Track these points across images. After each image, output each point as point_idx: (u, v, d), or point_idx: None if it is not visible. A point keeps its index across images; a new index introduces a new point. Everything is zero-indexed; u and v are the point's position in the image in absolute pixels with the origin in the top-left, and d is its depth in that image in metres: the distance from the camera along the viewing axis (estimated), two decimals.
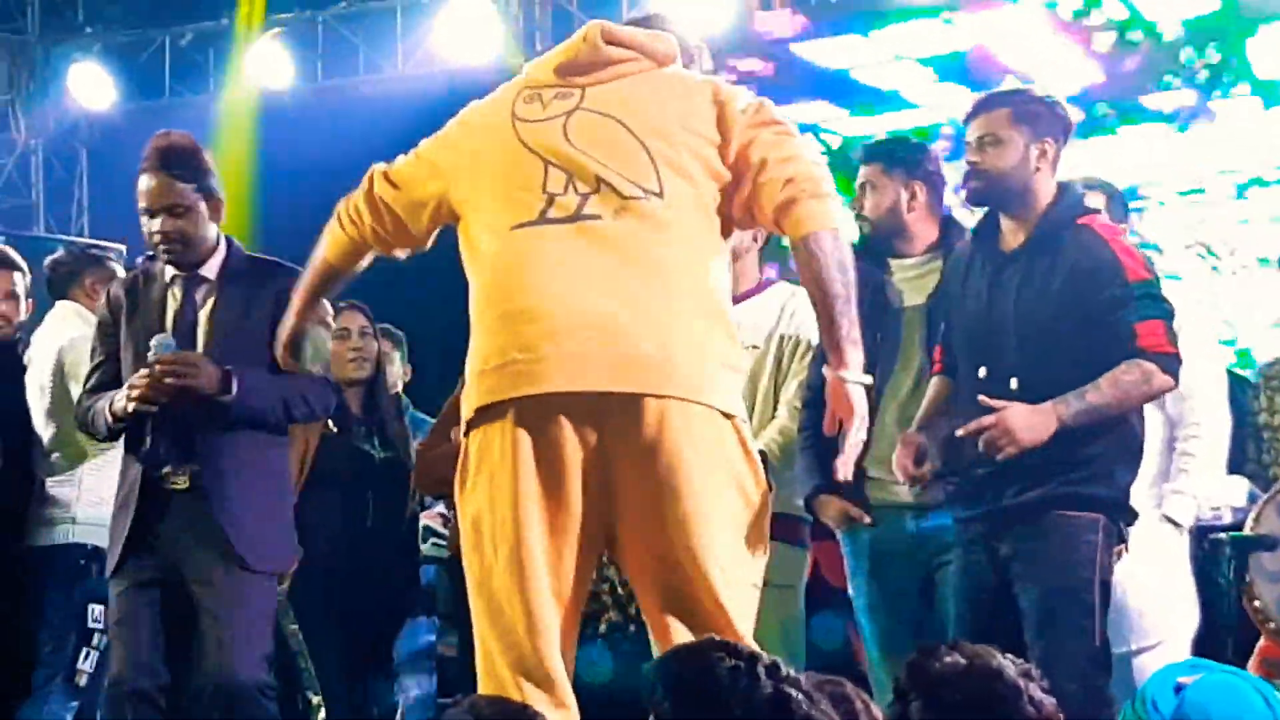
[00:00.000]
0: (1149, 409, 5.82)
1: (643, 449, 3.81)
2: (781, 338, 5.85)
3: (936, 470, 5.39)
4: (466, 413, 4.00)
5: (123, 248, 7.05)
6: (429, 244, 4.38)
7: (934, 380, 5.37)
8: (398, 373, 7.62)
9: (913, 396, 5.59)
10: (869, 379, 3.90)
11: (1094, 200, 5.90)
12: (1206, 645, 6.10)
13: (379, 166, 4.36)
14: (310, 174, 11.51)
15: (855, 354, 3.88)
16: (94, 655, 6.11)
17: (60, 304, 6.62)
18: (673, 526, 3.81)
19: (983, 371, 5.08)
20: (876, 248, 5.72)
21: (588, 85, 4.07)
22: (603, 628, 6.30)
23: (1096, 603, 4.93)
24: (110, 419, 5.31)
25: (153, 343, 5.24)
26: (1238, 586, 5.49)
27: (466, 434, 4.01)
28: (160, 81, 12.95)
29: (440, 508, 7.20)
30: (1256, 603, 5.53)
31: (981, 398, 4.94)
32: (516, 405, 3.87)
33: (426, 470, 6.43)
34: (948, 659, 2.72)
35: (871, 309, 5.08)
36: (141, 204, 5.34)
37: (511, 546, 3.87)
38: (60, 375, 6.25)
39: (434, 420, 6.78)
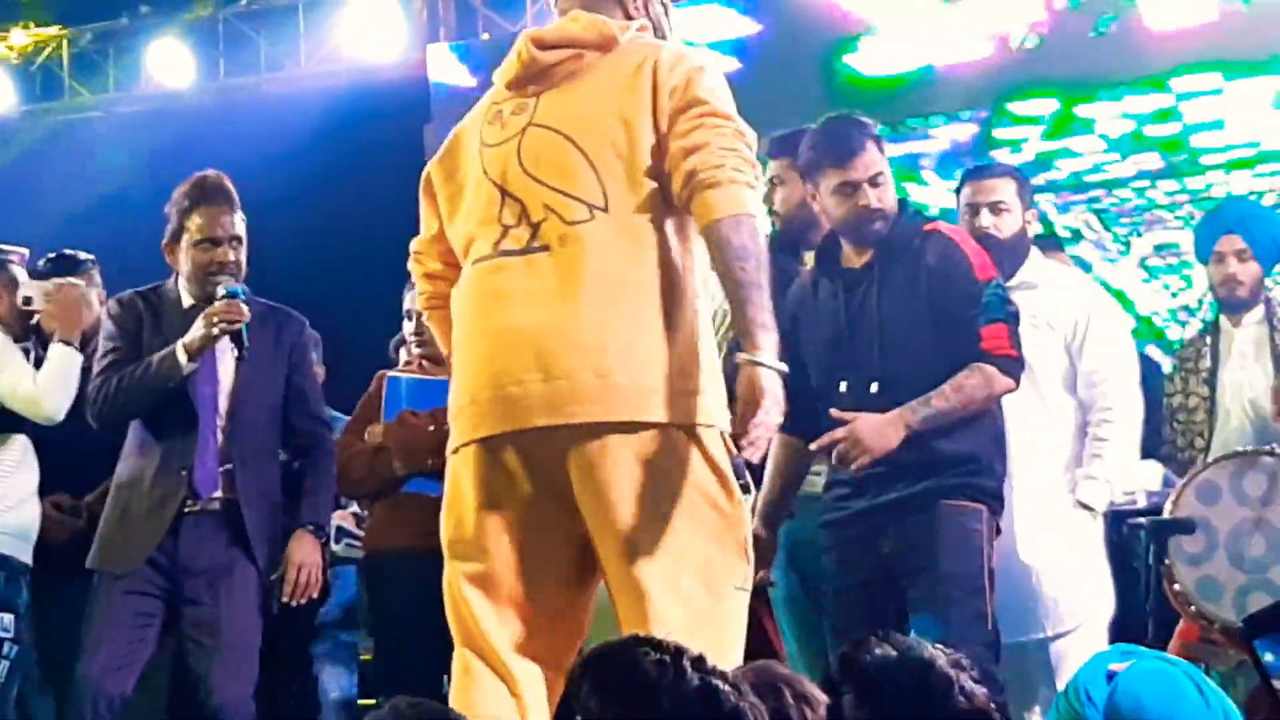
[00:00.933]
0: (1063, 394, 5.90)
1: (590, 476, 3.83)
2: None
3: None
4: (454, 441, 4.07)
5: (25, 252, 6.93)
6: None
7: (774, 446, 5.25)
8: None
9: None
10: (783, 365, 3.85)
11: (1005, 186, 5.96)
12: (1123, 629, 6.14)
13: (412, 249, 4.38)
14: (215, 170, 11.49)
15: (767, 338, 3.83)
16: (2, 665, 6.03)
17: None
18: (629, 549, 3.82)
19: (844, 386, 5.17)
20: (790, 241, 5.75)
21: (541, 93, 4.07)
22: None
23: (987, 588, 5.02)
24: (185, 359, 5.43)
25: (220, 289, 5.49)
26: (1157, 570, 5.51)
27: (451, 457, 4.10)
28: (59, 82, 12.81)
29: (354, 508, 7.16)
30: (1176, 586, 5.57)
31: (833, 410, 5.06)
32: (474, 445, 3.96)
33: (341, 470, 6.41)
34: (879, 650, 2.71)
35: (792, 301, 5.16)
36: (206, 234, 5.58)
37: (461, 578, 4.03)
38: None
39: (348, 418, 6.77)
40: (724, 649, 3.75)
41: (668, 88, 3.95)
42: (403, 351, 7.29)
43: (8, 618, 5.96)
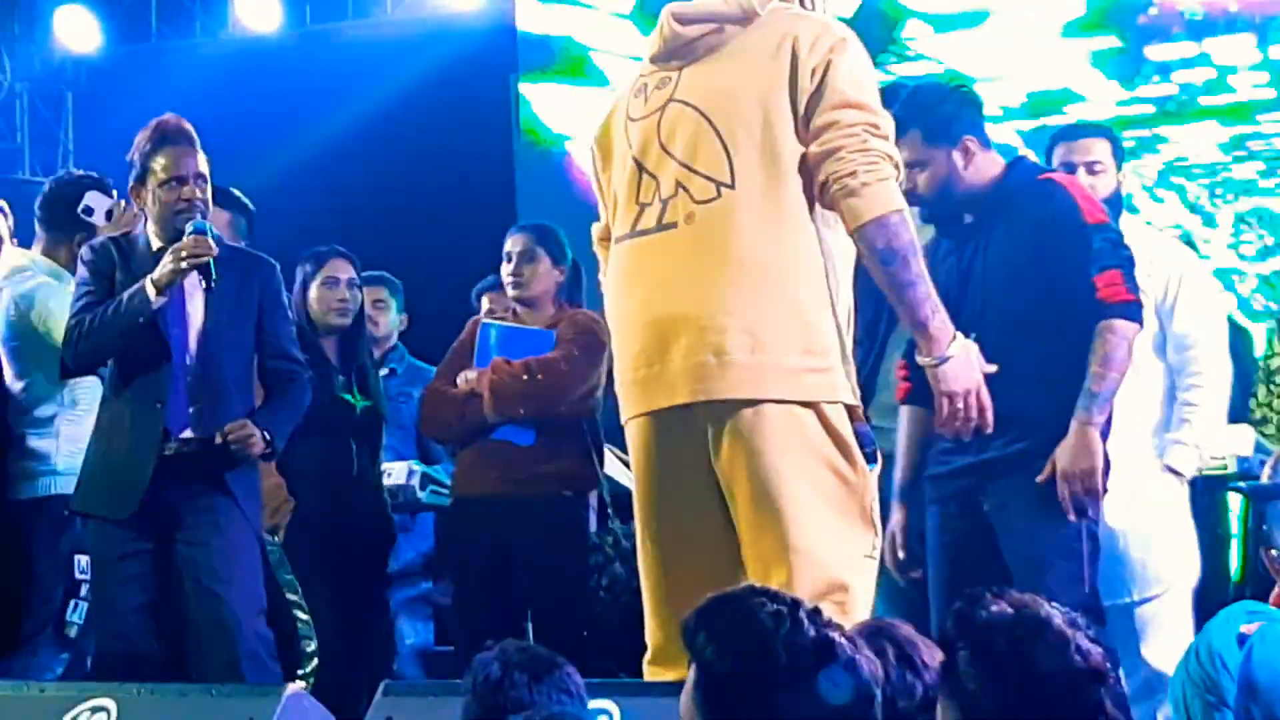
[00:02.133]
0: (1152, 357, 5.85)
1: (720, 452, 3.94)
2: None
3: None
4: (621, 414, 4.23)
5: (115, 192, 6.97)
6: None
7: (903, 420, 5.31)
8: (394, 320, 7.59)
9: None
10: (953, 350, 4.03)
11: (1099, 146, 5.91)
12: (1209, 595, 6.10)
13: (594, 232, 4.46)
14: (298, 118, 11.52)
15: (936, 327, 4.02)
16: (82, 606, 6.07)
17: (8, 250, 6.55)
18: (770, 522, 3.90)
19: None
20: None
21: (684, 67, 4.12)
22: (605, 580, 6.30)
23: (1085, 552, 4.96)
24: (154, 293, 5.39)
25: (188, 226, 5.43)
26: (1257, 535, 5.46)
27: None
28: (147, 25, 12.83)
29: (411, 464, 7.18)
30: (1274, 551, 5.52)
31: None
32: (635, 421, 4.12)
33: (431, 415, 6.47)
34: (994, 608, 2.70)
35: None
36: (171, 173, 5.51)
37: (644, 539, 4.14)
38: (27, 325, 6.17)
39: (432, 368, 6.78)
40: (851, 616, 3.80)
41: (808, 68, 3.98)
42: (485, 300, 7.30)
43: (84, 559, 6.00)
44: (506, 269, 6.53)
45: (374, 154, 11.55)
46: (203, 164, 5.55)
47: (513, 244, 6.51)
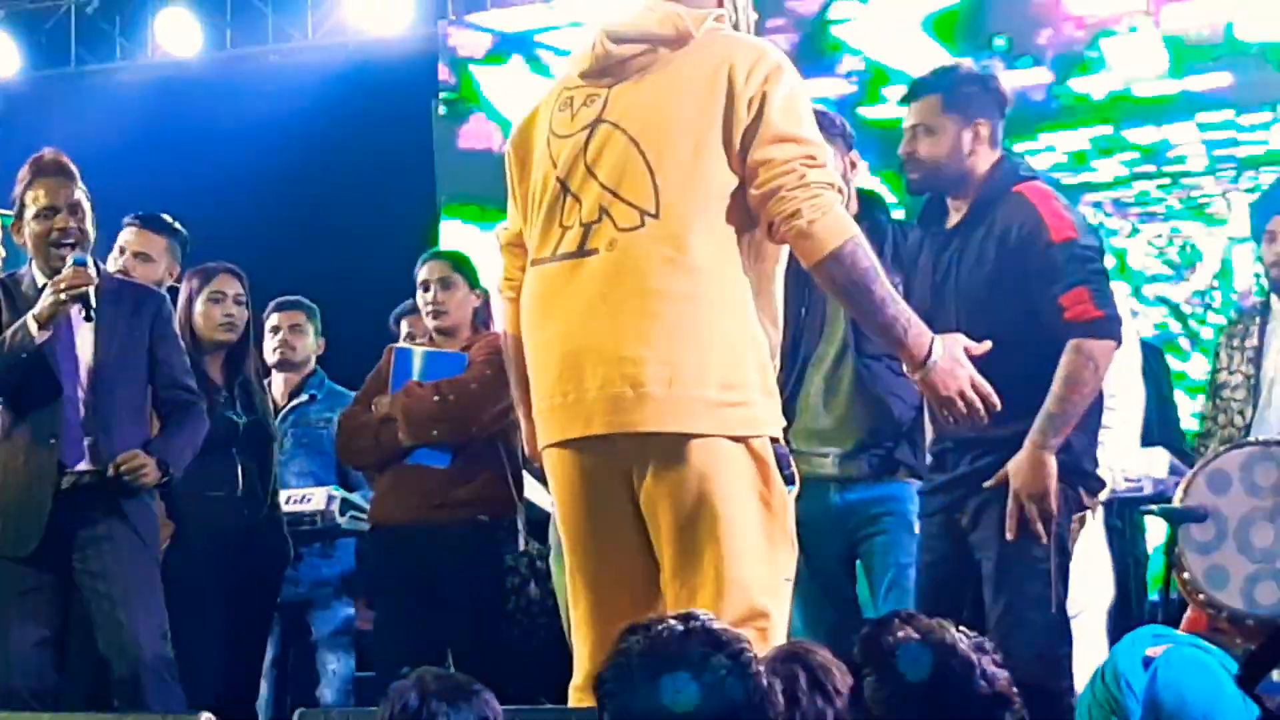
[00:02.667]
0: None
1: (641, 484, 3.92)
2: None
3: (861, 441, 5.46)
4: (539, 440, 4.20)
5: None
6: None
7: None
8: (310, 344, 7.57)
9: (837, 366, 5.62)
10: (941, 341, 4.00)
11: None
12: (1122, 616, 6.14)
13: (498, 228, 4.41)
14: (219, 143, 11.47)
15: (913, 340, 3.97)
16: None
17: None
18: (694, 552, 3.88)
19: None
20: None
21: (612, 85, 4.04)
22: (521, 602, 6.31)
23: (1053, 570, 4.95)
24: (35, 328, 5.38)
25: (69, 258, 5.44)
26: (1169, 558, 5.51)
27: None
28: (66, 50, 12.78)
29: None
30: (1185, 575, 5.57)
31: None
32: (554, 447, 4.06)
33: (347, 441, 6.46)
34: (901, 633, 2.72)
35: (796, 283, 5.11)
36: (44, 204, 5.54)
37: (571, 568, 4.10)
38: None
39: (351, 392, 6.78)
40: (771, 640, 3.82)
41: (743, 100, 3.93)
42: (404, 324, 7.30)
43: None
44: (425, 297, 6.53)
45: (294, 178, 11.51)
46: (79, 194, 5.54)
47: (429, 271, 6.53)
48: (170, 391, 5.71)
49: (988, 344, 4.14)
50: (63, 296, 5.35)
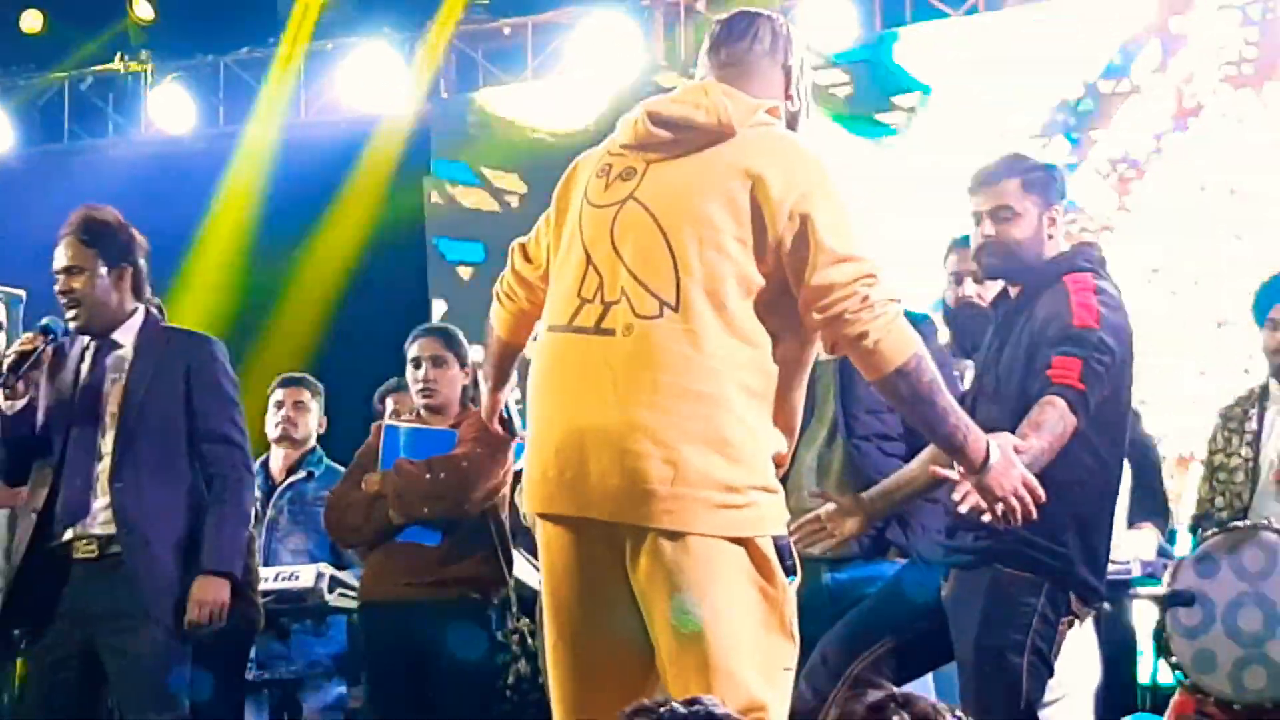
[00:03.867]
0: None
1: (638, 575, 3.88)
2: None
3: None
4: (524, 504, 4.18)
5: (22, 294, 6.94)
6: None
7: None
8: (313, 422, 7.58)
9: (828, 446, 5.63)
10: (996, 445, 4.08)
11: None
12: (1109, 700, 6.13)
13: (517, 241, 4.33)
14: (211, 219, 11.52)
15: (977, 444, 4.05)
16: None
17: None
18: (691, 643, 3.84)
19: None
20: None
21: (652, 162, 4.00)
22: (510, 679, 6.29)
23: (1024, 666, 4.88)
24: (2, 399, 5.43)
25: (45, 321, 5.49)
26: (1156, 642, 5.51)
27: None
28: (59, 126, 12.84)
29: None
30: (1173, 658, 5.57)
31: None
32: (545, 518, 4.01)
33: (338, 519, 6.44)
34: (895, 717, 2.71)
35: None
36: (54, 266, 5.55)
37: (553, 642, 4.05)
38: None
39: (345, 469, 6.77)
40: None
41: (782, 210, 3.88)
42: (389, 401, 7.31)
43: None
44: (416, 374, 6.52)
45: (289, 252, 11.55)
46: (74, 254, 5.51)
47: (421, 349, 6.51)
48: (207, 445, 5.56)
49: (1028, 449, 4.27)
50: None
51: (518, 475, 6.64)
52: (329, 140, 11.89)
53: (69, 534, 5.44)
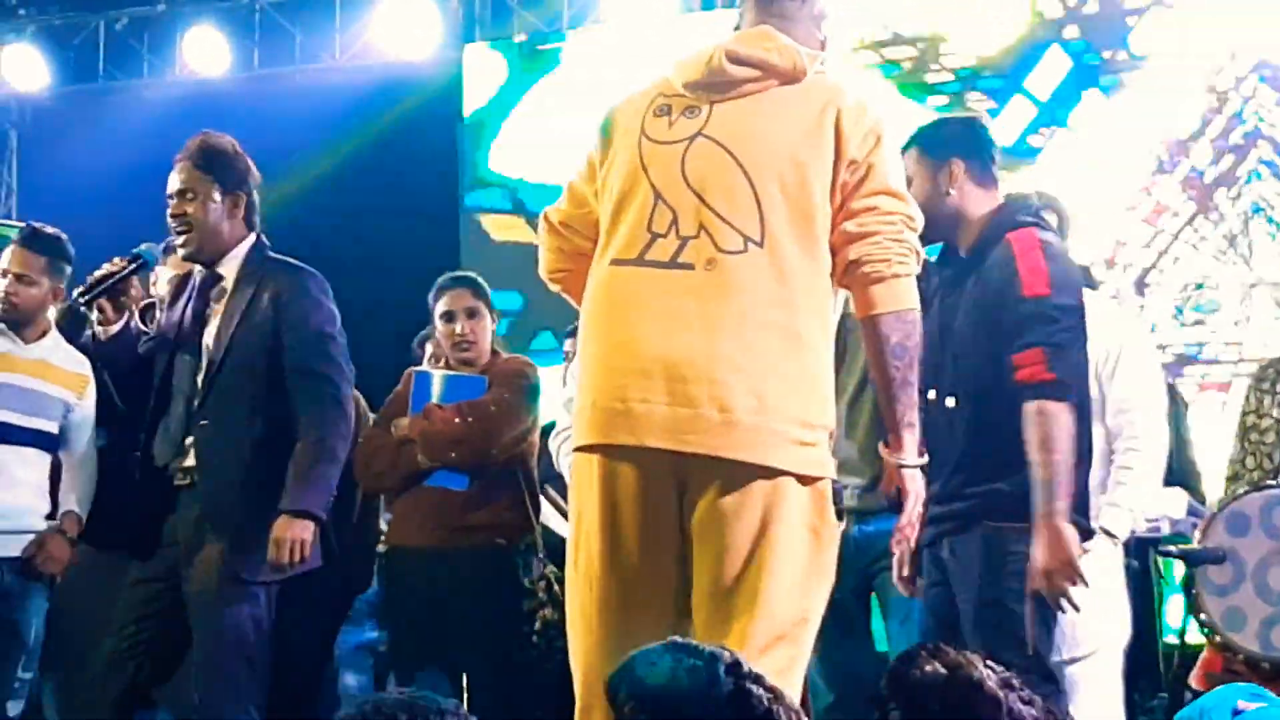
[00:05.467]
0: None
1: (700, 503, 3.90)
2: None
3: (879, 474, 5.44)
4: (575, 439, 4.10)
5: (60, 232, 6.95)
6: None
7: None
8: None
9: (856, 400, 5.65)
10: (923, 459, 4.08)
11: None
12: (1138, 657, 6.13)
13: (551, 207, 4.36)
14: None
15: (910, 438, 4.04)
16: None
17: None
18: (743, 579, 3.89)
19: (931, 394, 5.11)
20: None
21: (716, 101, 4.05)
22: (537, 625, 6.29)
23: (1027, 612, 4.91)
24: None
25: (142, 247, 5.52)
26: (1187, 598, 5.51)
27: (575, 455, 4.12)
28: (94, 65, 12.85)
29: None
30: (1202, 615, 5.56)
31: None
32: (604, 449, 3.98)
33: (366, 462, 6.42)
34: (928, 667, 2.71)
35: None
36: (167, 190, 5.56)
37: (592, 579, 4.01)
38: None
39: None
40: (803, 663, 3.94)
41: (852, 144, 3.97)
42: (428, 346, 7.29)
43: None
44: (450, 328, 6.49)
45: (321, 198, 11.55)
46: (188, 179, 5.53)
47: (453, 301, 6.49)
48: (298, 378, 5.47)
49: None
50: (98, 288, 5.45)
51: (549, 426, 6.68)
52: (362, 85, 11.87)
53: (170, 464, 5.43)
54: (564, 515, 6.58)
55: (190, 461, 5.41)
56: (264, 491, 5.36)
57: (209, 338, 5.47)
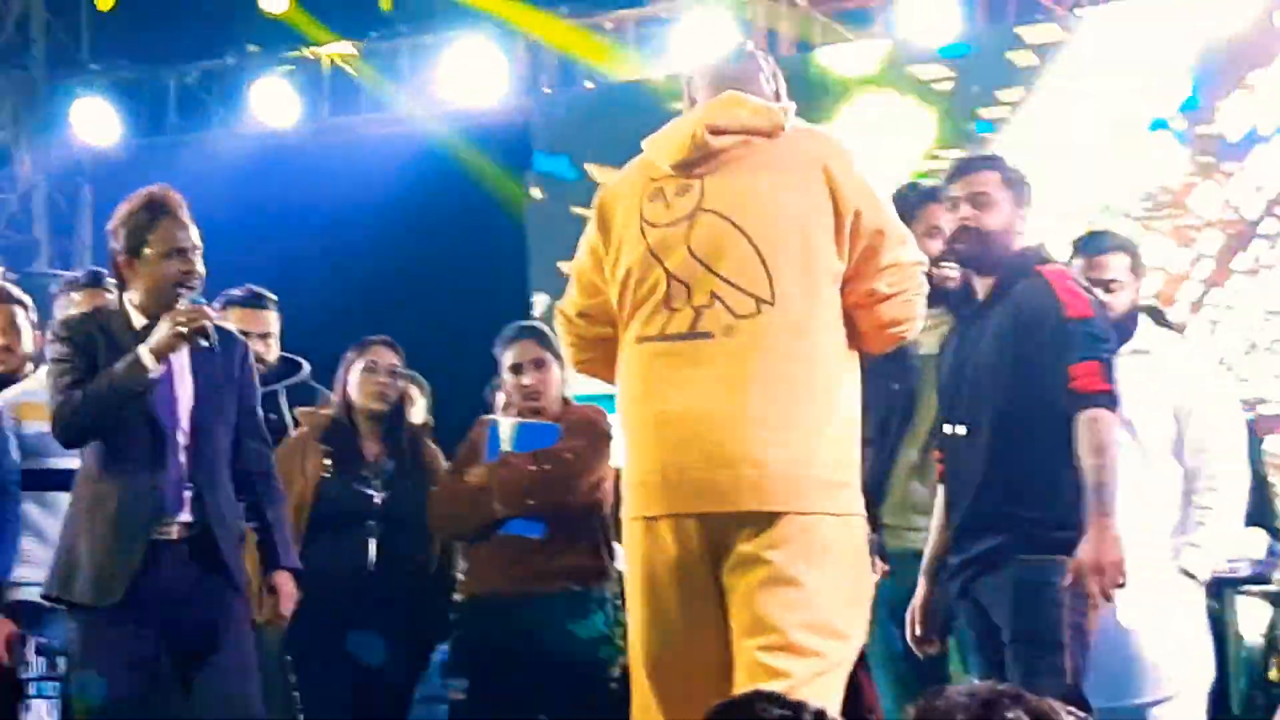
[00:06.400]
0: (1169, 460, 5.83)
1: (743, 555, 4.05)
2: None
3: None
4: (626, 511, 4.27)
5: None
6: None
7: (939, 493, 5.38)
8: (421, 415, 7.58)
9: (928, 444, 5.63)
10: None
11: (1117, 262, 5.85)
12: (1222, 698, 6.07)
13: (564, 303, 4.50)
14: (314, 211, 11.58)
15: None
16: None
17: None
18: (783, 619, 4.02)
19: (947, 428, 5.15)
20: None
21: (706, 175, 4.19)
22: (616, 671, 6.28)
23: (1066, 641, 4.96)
24: (152, 362, 5.23)
25: (184, 299, 5.32)
26: (1267, 640, 5.46)
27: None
28: (164, 118, 12.96)
29: None
30: None
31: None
32: (642, 521, 4.17)
33: (441, 511, 6.43)
34: (1010, 713, 2.68)
35: (889, 360, 5.10)
36: (172, 245, 5.37)
37: (647, 639, 4.19)
38: None
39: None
40: (837, 700, 4.01)
41: (848, 193, 4.13)
42: (499, 396, 7.29)
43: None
44: (518, 380, 6.47)
45: (390, 246, 11.59)
46: (196, 236, 5.42)
47: (521, 353, 6.47)
48: (255, 443, 5.61)
49: None
50: (184, 330, 5.22)
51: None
52: (430, 133, 11.93)
53: (164, 520, 5.36)
54: None
55: (189, 516, 5.43)
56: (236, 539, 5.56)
57: (183, 392, 5.46)
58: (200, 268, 5.40)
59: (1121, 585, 4.92)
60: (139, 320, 5.39)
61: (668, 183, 4.22)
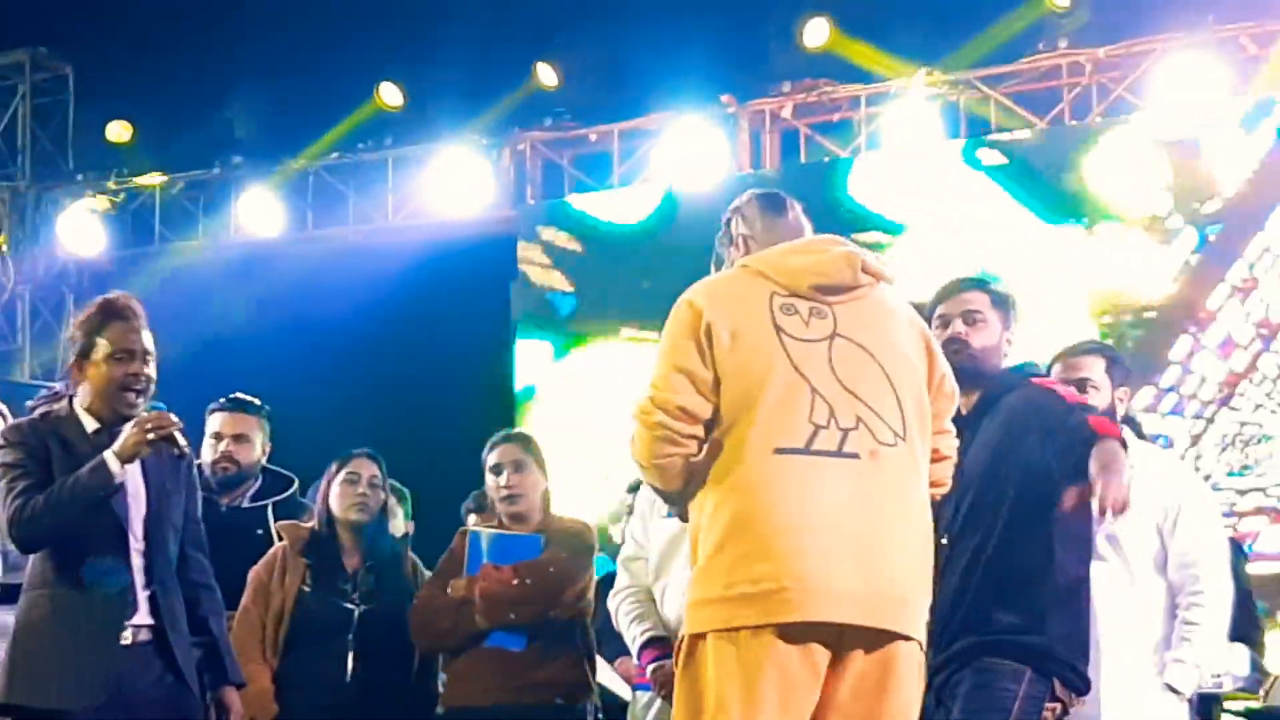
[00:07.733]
0: (1153, 574, 5.82)
1: (862, 674, 4.15)
2: None
3: None
4: (711, 622, 4.18)
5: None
6: None
7: None
8: (400, 527, 7.57)
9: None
10: None
11: (1093, 364, 5.92)
12: None
13: (656, 400, 4.33)
14: (299, 322, 11.58)
15: None
16: None
17: None
18: None
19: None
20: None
21: (835, 304, 4.33)
22: None
23: None
24: (118, 466, 5.23)
25: (142, 404, 5.37)
26: None
27: (702, 637, 4.21)
28: (150, 228, 12.99)
29: None
30: None
31: None
32: (774, 628, 4.12)
33: (423, 623, 6.39)
34: None
35: None
36: (120, 347, 5.37)
37: None
38: None
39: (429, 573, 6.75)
40: None
41: (939, 357, 4.45)
42: (471, 518, 7.29)
43: None
44: (497, 481, 6.51)
45: (376, 355, 11.60)
46: (148, 341, 5.40)
47: (501, 455, 6.52)
48: (196, 553, 5.61)
49: None
50: (151, 436, 5.21)
51: (602, 581, 6.65)
52: (415, 243, 11.96)
53: (126, 620, 5.36)
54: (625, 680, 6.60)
55: (147, 619, 5.43)
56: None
57: (135, 498, 5.44)
58: (150, 371, 5.39)
59: (1124, 510, 4.90)
60: (90, 424, 5.40)
61: (800, 302, 4.32)
